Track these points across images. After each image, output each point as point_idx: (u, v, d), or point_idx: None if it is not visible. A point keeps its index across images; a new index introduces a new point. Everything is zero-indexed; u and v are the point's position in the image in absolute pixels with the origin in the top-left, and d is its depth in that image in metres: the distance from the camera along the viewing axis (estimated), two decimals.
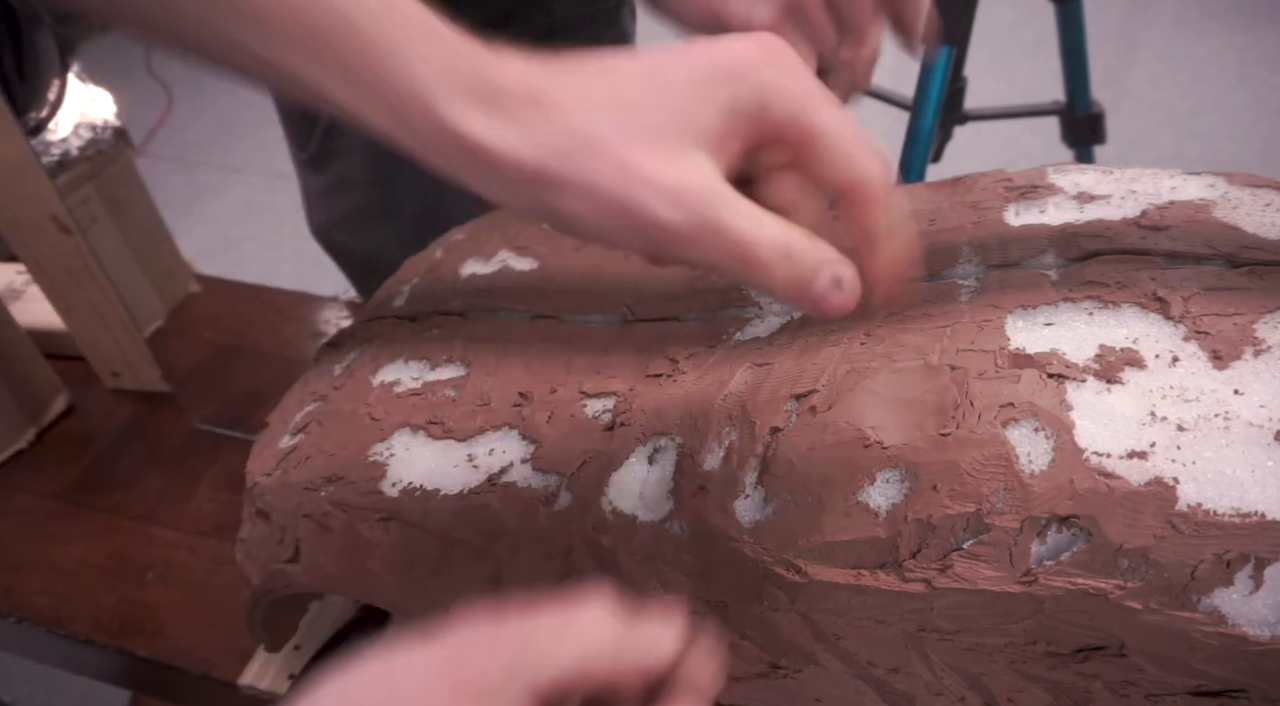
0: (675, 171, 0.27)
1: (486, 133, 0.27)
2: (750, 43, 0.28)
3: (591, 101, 0.27)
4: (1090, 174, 0.42)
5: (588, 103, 0.27)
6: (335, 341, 0.54)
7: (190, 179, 2.22)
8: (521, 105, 0.27)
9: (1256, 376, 0.31)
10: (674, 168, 0.27)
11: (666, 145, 0.27)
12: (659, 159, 0.27)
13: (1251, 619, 0.27)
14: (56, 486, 0.68)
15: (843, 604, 0.33)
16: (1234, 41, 2.39)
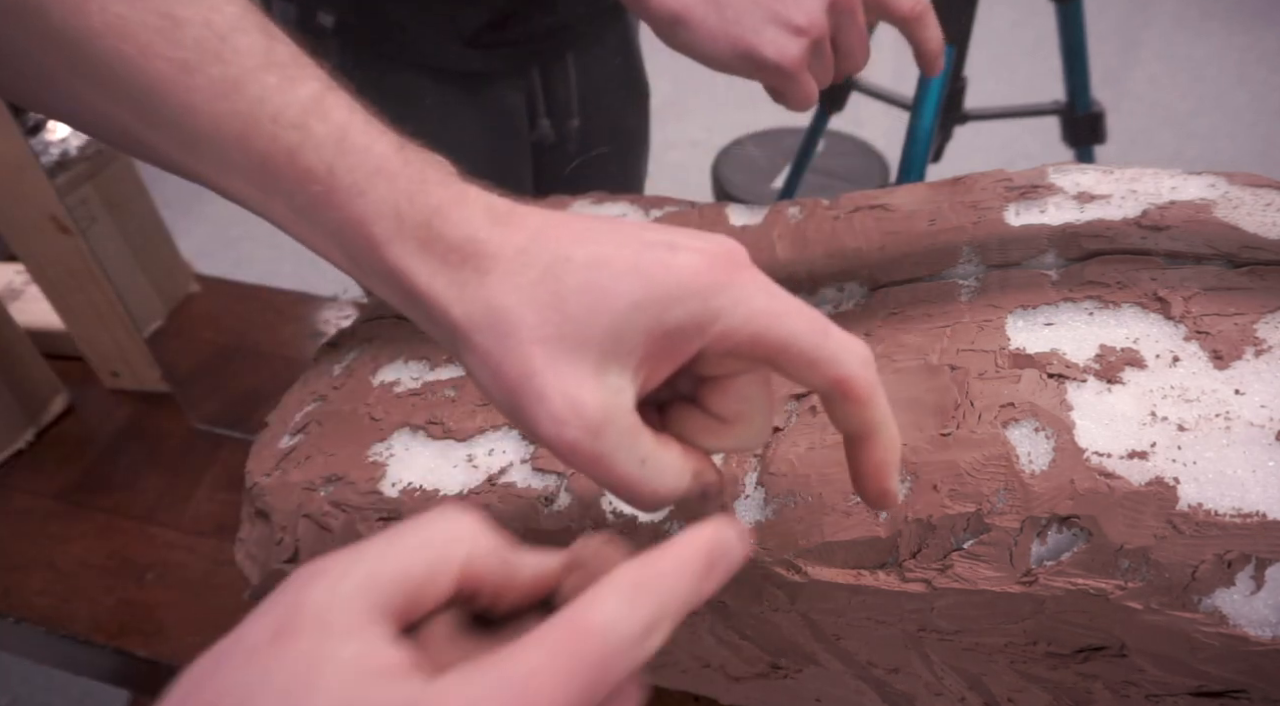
0: (577, 394, 0.25)
1: (425, 278, 0.27)
2: (705, 263, 0.26)
3: (523, 282, 0.26)
4: (1090, 174, 0.42)
5: (518, 281, 0.26)
6: (335, 341, 0.54)
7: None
8: (461, 260, 0.27)
9: (1257, 376, 0.31)
10: (579, 390, 0.25)
11: (579, 363, 0.25)
12: (564, 376, 0.25)
13: (1252, 619, 0.27)
14: (56, 486, 0.68)
15: (843, 604, 0.33)
16: (1234, 41, 2.39)
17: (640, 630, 0.20)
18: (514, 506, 0.39)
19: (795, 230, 0.45)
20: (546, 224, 0.27)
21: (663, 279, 0.25)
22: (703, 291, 0.25)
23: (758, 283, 0.26)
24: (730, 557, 0.23)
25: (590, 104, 0.82)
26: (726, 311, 0.25)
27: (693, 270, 0.26)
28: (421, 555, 0.21)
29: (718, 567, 0.22)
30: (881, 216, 0.44)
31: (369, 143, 0.27)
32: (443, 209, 0.27)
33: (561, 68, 0.78)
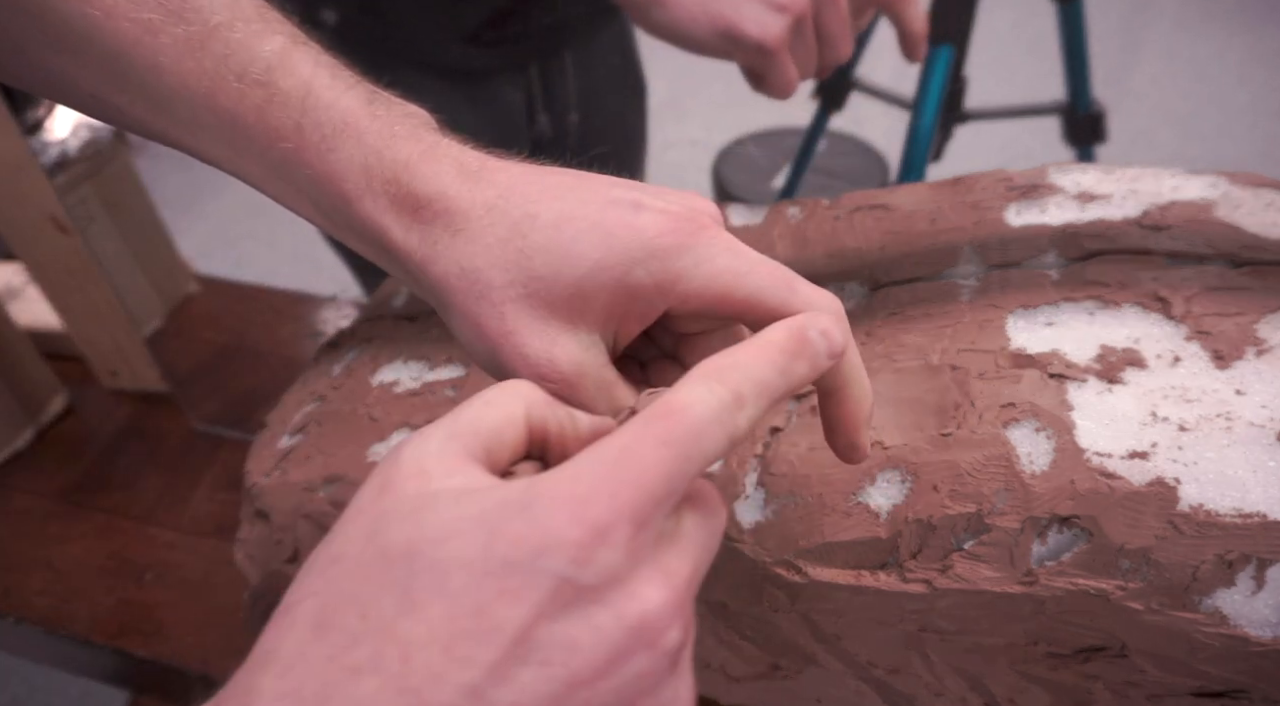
0: (550, 351, 0.26)
1: (399, 235, 0.27)
2: (669, 223, 0.26)
3: (491, 241, 0.26)
4: (1091, 174, 0.42)
5: (487, 241, 0.26)
6: (335, 341, 0.54)
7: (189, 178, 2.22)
8: (432, 216, 0.27)
9: (1258, 376, 0.30)
10: (551, 347, 0.26)
11: (550, 320, 0.26)
12: (538, 333, 0.26)
13: (1253, 619, 0.27)
14: (55, 486, 0.68)
15: (843, 604, 0.33)
16: (1235, 41, 2.39)
17: (726, 404, 0.20)
18: None
19: (795, 230, 0.45)
20: (516, 179, 0.27)
21: (625, 239, 0.26)
22: (664, 252, 0.26)
23: (721, 241, 0.26)
24: (826, 340, 0.23)
25: (588, 101, 0.82)
26: (689, 272, 0.26)
27: (655, 230, 0.26)
28: (488, 409, 0.22)
29: (807, 350, 0.23)
30: (882, 216, 0.44)
31: (335, 98, 0.27)
32: (411, 164, 0.27)
33: (560, 65, 0.78)
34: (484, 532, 0.18)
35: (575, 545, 0.18)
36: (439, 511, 0.19)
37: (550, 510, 0.19)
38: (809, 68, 0.48)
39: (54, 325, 0.74)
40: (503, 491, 0.19)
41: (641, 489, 0.19)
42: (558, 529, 0.18)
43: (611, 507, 0.19)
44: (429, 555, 0.19)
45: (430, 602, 0.18)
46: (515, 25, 0.72)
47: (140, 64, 0.27)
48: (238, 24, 0.27)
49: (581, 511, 0.19)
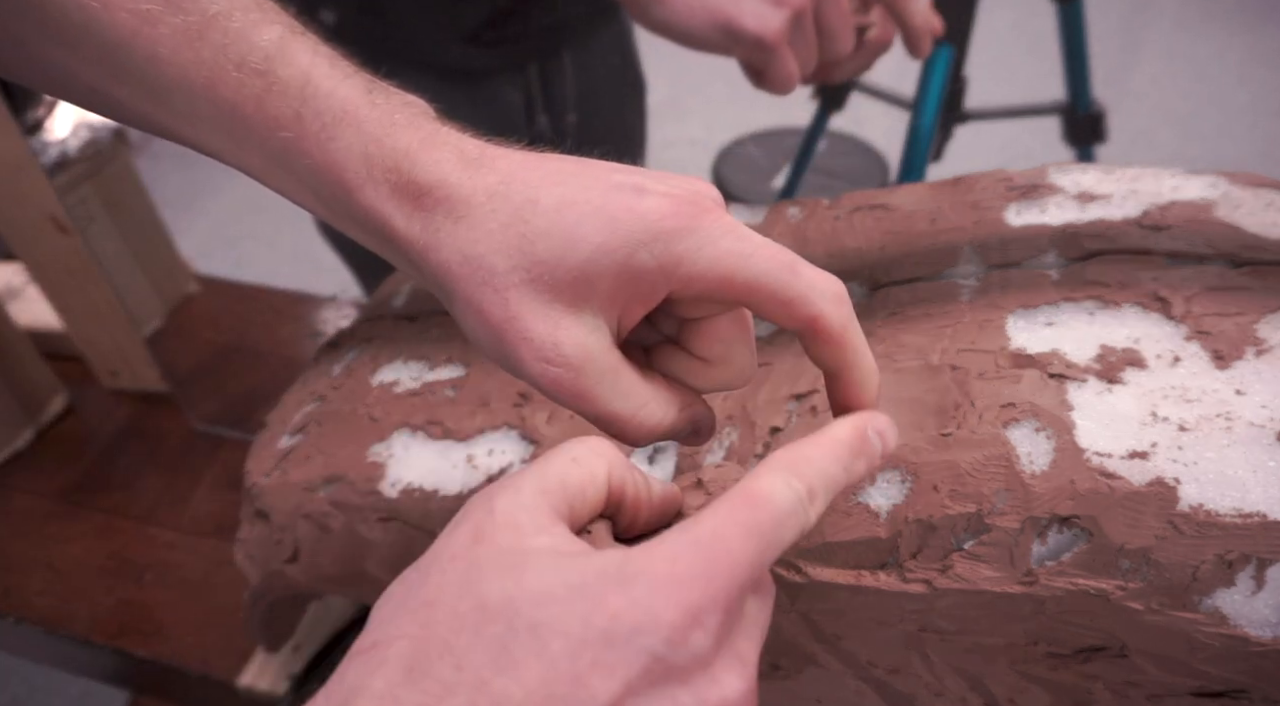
0: (554, 334, 0.26)
1: (401, 223, 0.27)
2: (671, 206, 0.26)
3: (493, 227, 0.26)
4: (1091, 173, 0.42)
5: (489, 227, 0.26)
6: (335, 341, 0.54)
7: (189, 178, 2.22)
8: (434, 204, 0.27)
9: (1258, 376, 0.30)
10: (555, 331, 0.26)
11: (554, 304, 0.26)
12: (541, 318, 0.26)
13: (1253, 619, 0.27)
14: (55, 486, 0.68)
15: (843, 604, 0.33)
16: (1235, 41, 2.39)
17: (802, 499, 0.22)
18: None
19: (796, 230, 0.45)
20: (517, 166, 0.27)
21: (628, 222, 0.26)
22: (667, 235, 0.26)
23: (724, 225, 0.26)
24: (881, 441, 0.25)
25: (588, 101, 0.82)
26: (691, 255, 0.26)
27: (658, 213, 0.26)
28: (574, 466, 0.23)
29: (867, 449, 0.24)
30: (882, 216, 0.44)
31: (334, 87, 0.27)
32: (411, 152, 0.27)
33: (559, 65, 0.78)
34: (584, 602, 0.19)
35: (671, 627, 0.19)
36: (538, 572, 0.20)
37: (649, 589, 0.19)
38: (810, 64, 0.48)
39: (54, 325, 0.74)
40: (600, 562, 0.20)
41: (733, 575, 0.20)
42: (656, 609, 0.19)
43: (706, 593, 0.20)
44: (528, 616, 0.19)
45: (528, 664, 0.19)
46: (514, 25, 0.72)
47: (139, 55, 0.27)
48: (235, 13, 0.27)
49: (679, 594, 0.19)
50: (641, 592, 0.19)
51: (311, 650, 0.54)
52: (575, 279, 0.26)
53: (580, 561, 0.20)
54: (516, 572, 0.20)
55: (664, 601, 0.19)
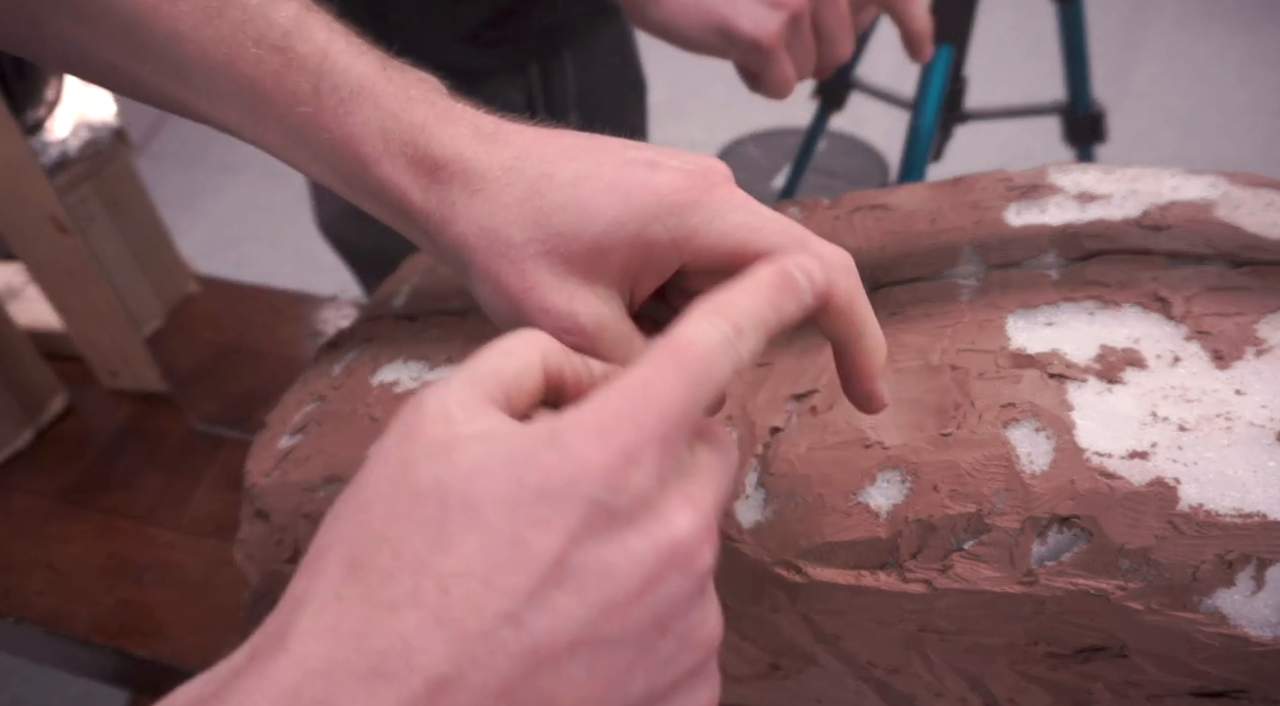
0: (570, 305, 0.26)
1: (418, 196, 0.27)
2: (683, 181, 0.26)
3: (509, 201, 0.27)
4: (1091, 173, 0.42)
5: (505, 200, 0.27)
6: (335, 341, 0.54)
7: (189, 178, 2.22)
8: (450, 177, 0.27)
9: (1258, 376, 0.30)
10: (571, 301, 0.27)
11: (569, 276, 0.27)
12: (557, 288, 0.27)
13: (1253, 619, 0.27)
14: (55, 486, 0.68)
15: (843, 604, 0.33)
16: (1235, 41, 2.39)
17: (728, 336, 0.22)
18: None
19: None
20: (532, 141, 0.28)
21: (641, 196, 0.26)
22: (680, 208, 0.26)
23: (735, 198, 0.27)
24: (806, 280, 0.24)
25: (588, 101, 0.82)
26: (704, 227, 0.26)
27: (671, 187, 0.26)
28: (507, 358, 0.23)
29: (794, 286, 0.24)
30: (882, 216, 0.44)
31: (350, 62, 0.28)
32: (428, 126, 0.27)
33: (560, 65, 0.78)
34: (515, 467, 0.19)
35: (606, 469, 0.19)
36: (468, 450, 0.19)
37: (579, 439, 0.19)
38: (807, 67, 0.48)
39: (54, 325, 0.73)
40: (530, 430, 0.20)
41: (663, 413, 0.20)
42: (588, 455, 0.19)
43: (637, 432, 0.19)
44: (460, 491, 0.19)
45: (465, 536, 0.18)
46: (514, 25, 0.72)
47: (160, 32, 0.27)
48: None
49: (609, 438, 0.19)
50: (571, 443, 0.19)
51: None
52: (590, 251, 0.26)
53: (510, 434, 0.20)
54: (447, 455, 0.20)
55: (595, 447, 0.19)
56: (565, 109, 0.81)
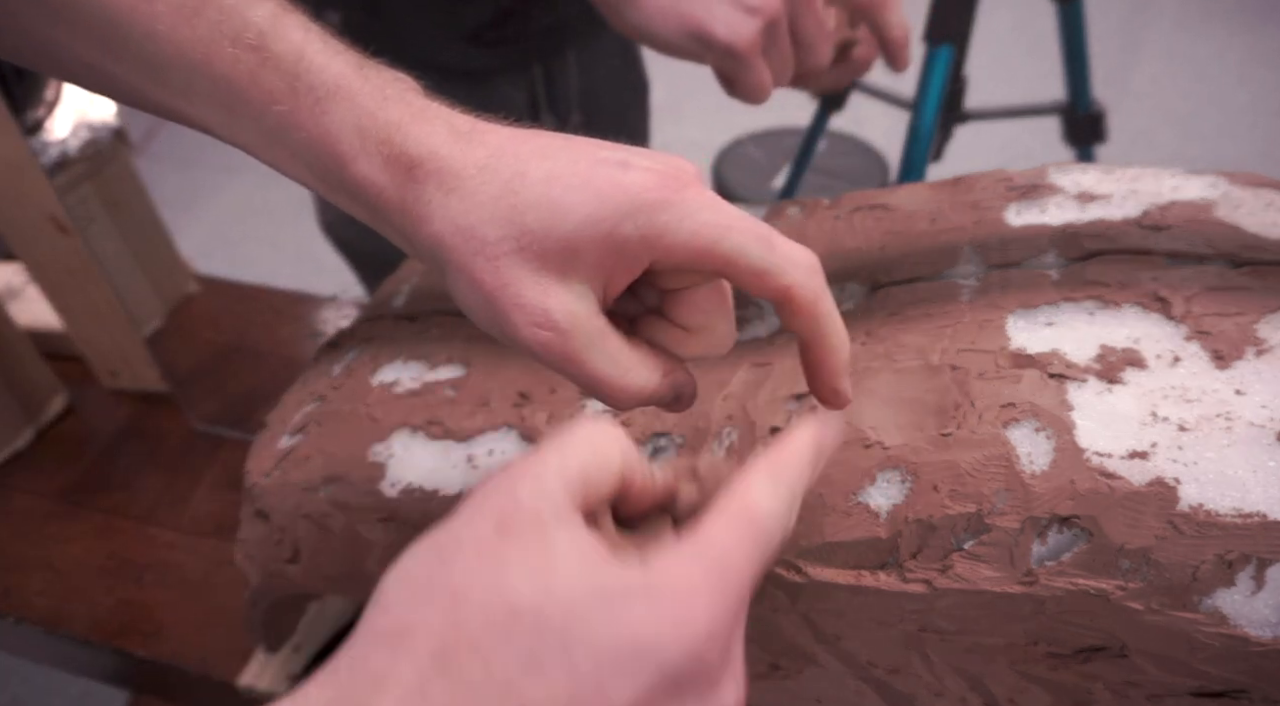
0: (544, 301, 0.27)
1: (394, 194, 0.28)
2: (654, 180, 0.27)
3: (484, 199, 0.27)
4: (1091, 174, 0.42)
5: (480, 199, 0.27)
6: (335, 341, 0.54)
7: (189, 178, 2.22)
8: (425, 176, 0.27)
9: (1258, 376, 0.30)
10: (545, 297, 0.27)
11: (543, 272, 0.27)
12: (532, 286, 0.27)
13: (1253, 619, 0.27)
14: (55, 486, 0.68)
15: (843, 604, 0.33)
16: (1235, 41, 2.39)
17: (786, 508, 0.24)
18: None
19: (796, 230, 0.45)
20: (506, 140, 0.28)
21: (613, 195, 0.27)
22: (649, 207, 0.27)
23: (704, 198, 0.27)
24: (832, 443, 0.27)
25: (591, 100, 0.82)
26: (673, 226, 0.27)
27: (642, 186, 0.27)
28: (592, 455, 0.24)
29: (823, 453, 0.26)
30: (882, 216, 0.44)
31: (326, 61, 0.28)
32: (403, 125, 0.28)
33: (563, 65, 0.78)
34: (609, 613, 0.20)
35: (692, 639, 0.20)
36: (566, 579, 0.21)
37: (672, 602, 0.21)
38: (785, 74, 0.48)
39: (54, 325, 0.73)
40: (625, 574, 0.21)
41: (740, 587, 0.22)
42: (677, 620, 0.20)
43: (721, 606, 0.21)
44: (558, 624, 0.20)
45: (554, 671, 0.19)
46: (515, 25, 0.72)
47: (137, 31, 0.27)
48: None
49: (698, 607, 0.21)
50: (664, 605, 0.20)
51: (311, 650, 0.54)
52: (563, 248, 0.27)
53: (605, 570, 0.21)
54: (545, 577, 0.20)
55: (684, 612, 0.20)
56: (569, 109, 0.81)
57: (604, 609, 0.20)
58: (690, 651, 0.20)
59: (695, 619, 0.20)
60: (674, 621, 0.20)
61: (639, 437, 0.38)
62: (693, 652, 0.20)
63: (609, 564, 0.21)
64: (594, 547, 0.21)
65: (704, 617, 0.20)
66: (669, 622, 0.20)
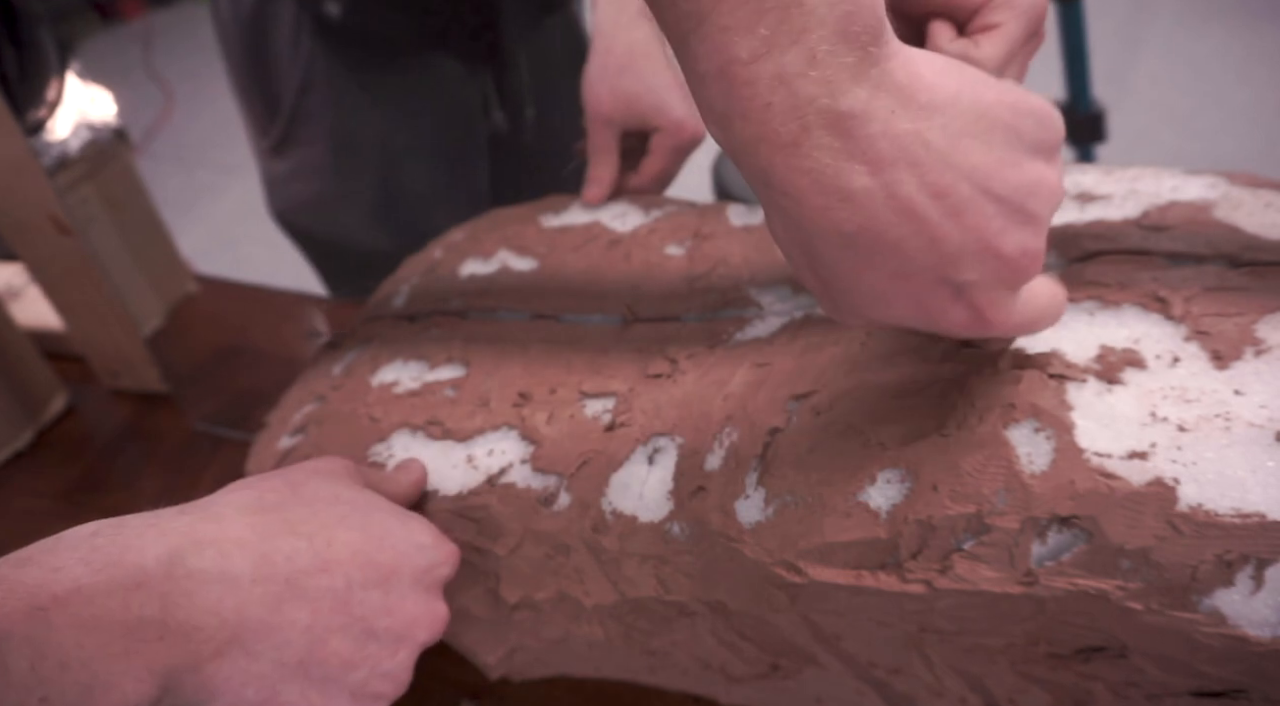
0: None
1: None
2: None
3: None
4: (1091, 174, 0.42)
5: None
6: (335, 341, 0.54)
7: (189, 178, 2.22)
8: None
9: (1257, 376, 0.30)
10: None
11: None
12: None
13: (1252, 620, 0.27)
14: (56, 487, 0.68)
15: (843, 605, 0.33)
16: (1236, 40, 2.39)
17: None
18: (514, 507, 0.39)
19: None
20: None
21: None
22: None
23: None
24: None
25: (544, 96, 0.84)
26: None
27: None
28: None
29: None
30: None
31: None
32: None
33: (510, 63, 0.81)
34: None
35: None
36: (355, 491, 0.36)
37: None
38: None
39: (54, 325, 0.73)
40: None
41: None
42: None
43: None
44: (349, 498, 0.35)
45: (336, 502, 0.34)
46: (455, 29, 0.75)
47: None
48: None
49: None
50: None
51: None
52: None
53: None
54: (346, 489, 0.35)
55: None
56: (521, 104, 0.83)
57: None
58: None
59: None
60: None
61: (639, 437, 0.38)
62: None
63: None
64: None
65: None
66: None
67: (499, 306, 0.48)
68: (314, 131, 0.78)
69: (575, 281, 0.47)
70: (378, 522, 0.32)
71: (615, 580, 0.37)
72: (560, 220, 0.53)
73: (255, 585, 0.28)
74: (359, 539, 0.31)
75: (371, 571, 0.31)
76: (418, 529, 0.34)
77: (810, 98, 0.22)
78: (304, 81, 0.76)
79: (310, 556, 0.30)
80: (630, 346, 0.42)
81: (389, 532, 0.32)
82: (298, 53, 0.74)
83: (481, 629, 0.41)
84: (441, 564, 0.34)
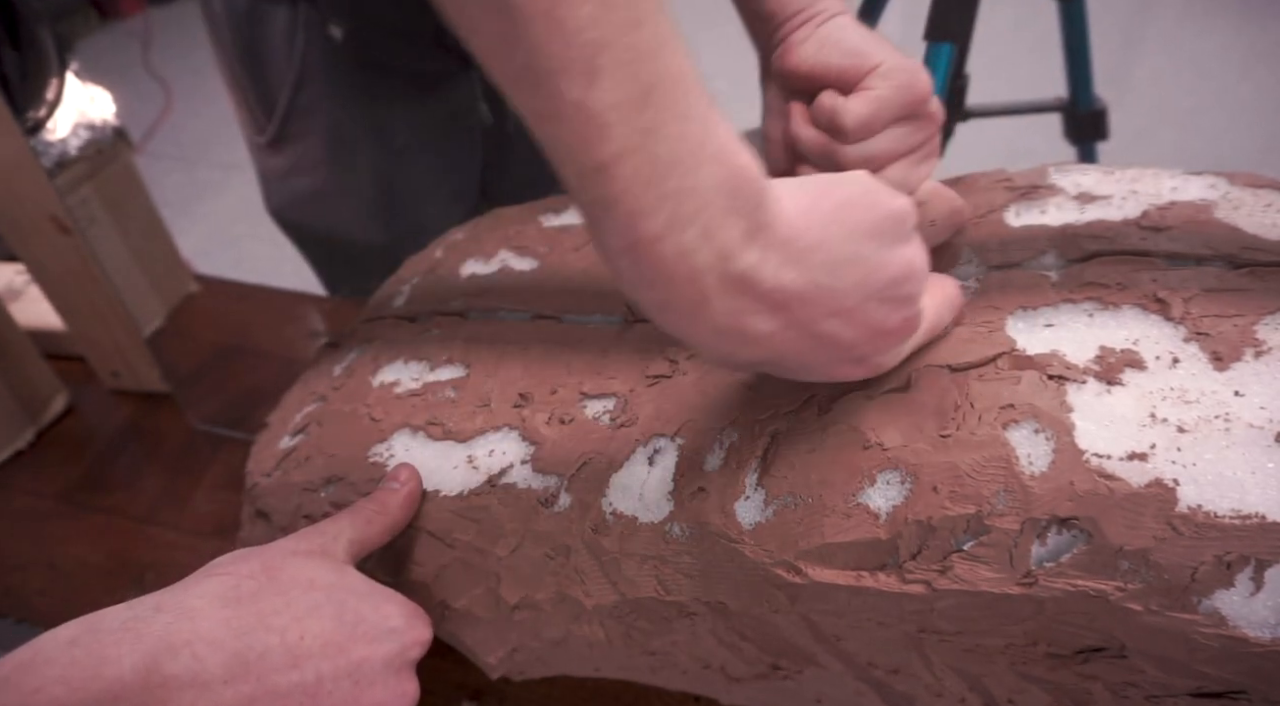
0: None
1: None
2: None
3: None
4: (1091, 174, 0.42)
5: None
6: (335, 342, 0.54)
7: (189, 178, 2.22)
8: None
9: (1257, 378, 0.30)
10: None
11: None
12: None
13: (1252, 620, 0.27)
14: (56, 487, 0.68)
15: (843, 605, 0.33)
16: (1237, 38, 2.39)
17: None
18: (514, 508, 0.39)
19: None
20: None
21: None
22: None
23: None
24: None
25: None
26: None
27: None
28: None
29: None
30: None
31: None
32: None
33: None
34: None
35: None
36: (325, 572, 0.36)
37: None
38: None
39: (54, 325, 0.73)
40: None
41: None
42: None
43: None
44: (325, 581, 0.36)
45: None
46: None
47: None
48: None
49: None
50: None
51: None
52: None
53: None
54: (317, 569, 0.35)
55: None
56: (506, 103, 0.84)
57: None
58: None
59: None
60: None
61: (639, 438, 0.38)
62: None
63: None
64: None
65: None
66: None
67: (500, 307, 0.48)
68: (309, 127, 0.78)
69: (576, 281, 0.47)
70: (351, 609, 0.34)
71: (615, 580, 0.37)
72: (561, 220, 0.53)
73: (228, 686, 0.29)
74: (331, 629, 0.33)
75: (342, 661, 0.32)
76: (391, 612, 0.35)
77: (708, 266, 0.26)
78: (299, 77, 0.76)
79: (282, 653, 0.31)
80: (630, 347, 0.42)
81: (361, 620, 0.34)
82: (292, 48, 0.74)
83: (482, 629, 0.41)
84: (411, 646, 0.35)
